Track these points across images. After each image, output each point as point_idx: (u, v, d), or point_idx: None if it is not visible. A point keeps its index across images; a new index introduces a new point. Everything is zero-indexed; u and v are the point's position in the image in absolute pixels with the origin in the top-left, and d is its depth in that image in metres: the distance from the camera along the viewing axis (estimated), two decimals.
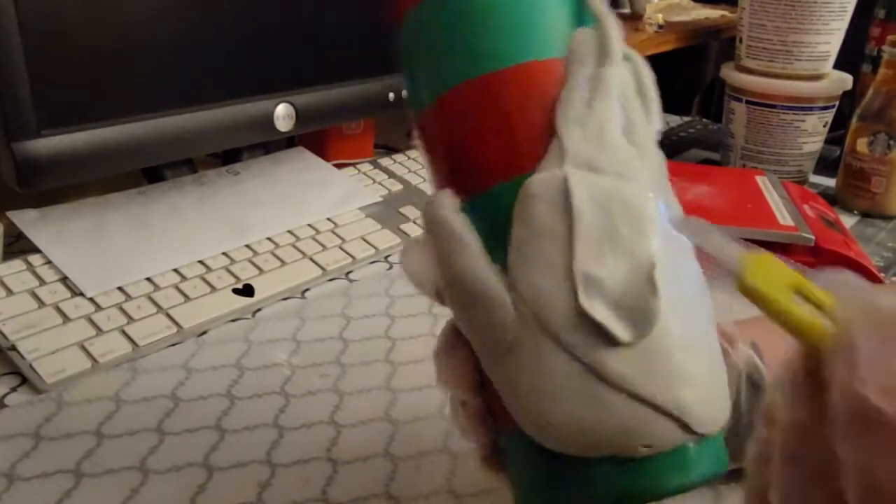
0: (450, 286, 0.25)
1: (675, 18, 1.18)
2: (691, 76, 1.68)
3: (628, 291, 0.22)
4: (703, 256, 0.23)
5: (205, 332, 0.51)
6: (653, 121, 0.25)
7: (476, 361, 0.26)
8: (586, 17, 0.26)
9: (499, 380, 0.24)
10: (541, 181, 0.23)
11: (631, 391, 0.22)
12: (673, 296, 0.23)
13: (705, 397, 0.23)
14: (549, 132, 0.24)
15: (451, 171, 0.26)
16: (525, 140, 0.24)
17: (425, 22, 0.26)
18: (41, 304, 0.49)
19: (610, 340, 0.22)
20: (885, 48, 0.75)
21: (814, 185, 0.86)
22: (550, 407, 0.23)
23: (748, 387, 0.35)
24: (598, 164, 0.23)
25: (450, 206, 0.25)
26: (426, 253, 0.26)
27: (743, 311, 0.24)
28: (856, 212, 0.78)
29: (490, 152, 0.25)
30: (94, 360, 0.46)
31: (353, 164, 0.76)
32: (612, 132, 0.24)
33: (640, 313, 0.22)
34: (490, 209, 0.24)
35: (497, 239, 0.24)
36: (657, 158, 0.25)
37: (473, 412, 0.27)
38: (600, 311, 0.22)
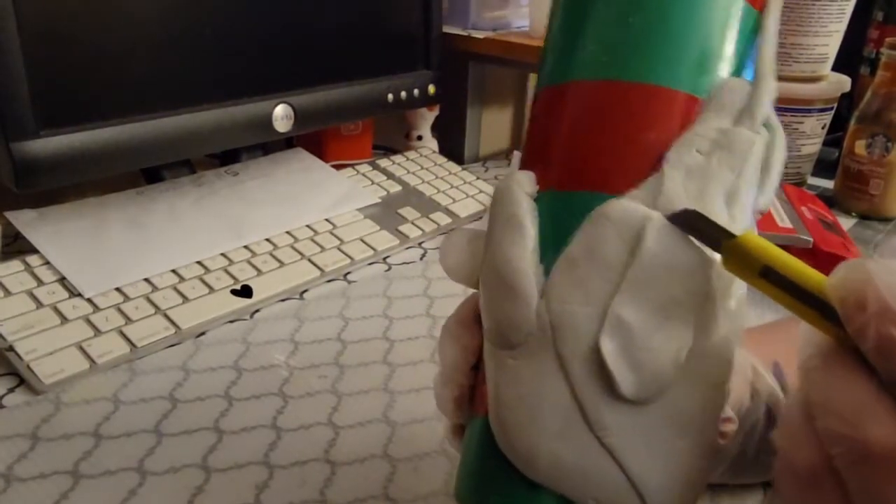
0: (489, 264, 0.24)
1: None
2: None
3: (652, 351, 0.21)
4: None
5: (203, 333, 0.50)
6: (762, 197, 0.24)
7: (479, 345, 0.26)
8: (748, 67, 0.24)
9: (492, 374, 0.24)
10: (622, 209, 0.22)
11: (609, 447, 0.21)
12: (693, 382, 0.22)
13: (675, 491, 0.22)
14: (656, 166, 0.23)
15: (545, 156, 0.25)
16: (632, 162, 0.23)
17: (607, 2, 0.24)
18: (39, 304, 0.49)
19: (611, 390, 0.21)
20: (884, 50, 0.75)
21: (812, 187, 0.86)
22: (524, 421, 0.22)
23: (765, 419, 0.34)
24: (693, 221, 0.22)
25: (527, 188, 0.24)
26: (470, 240, 0.26)
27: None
28: (854, 214, 0.79)
29: (592, 157, 0.24)
30: (92, 360, 0.46)
31: (352, 165, 0.76)
32: (713, 194, 0.22)
33: (653, 377, 0.21)
34: (563, 211, 0.23)
35: (553, 241, 0.23)
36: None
37: (459, 393, 0.26)
38: (613, 355, 0.21)
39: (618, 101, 0.23)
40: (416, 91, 0.76)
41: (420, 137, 0.88)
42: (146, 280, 0.53)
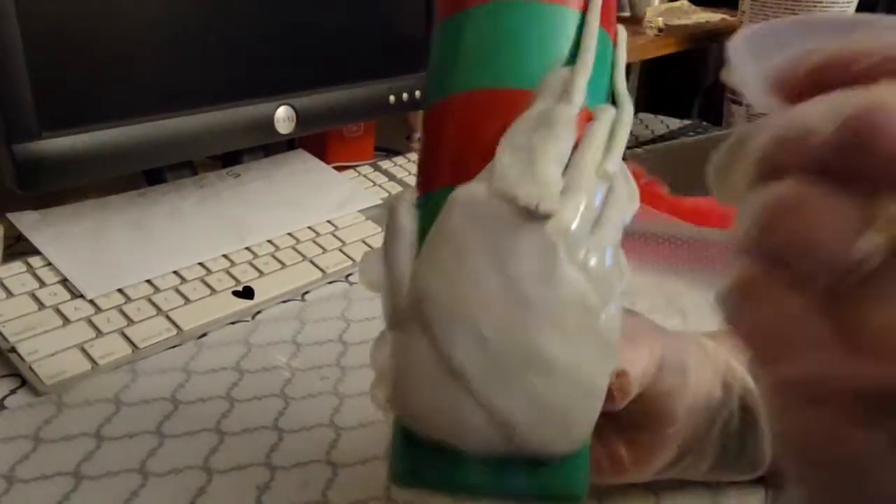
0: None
1: (676, 22, 1.18)
2: (691, 79, 1.68)
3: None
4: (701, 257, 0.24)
5: (205, 335, 0.51)
6: (608, 161, 0.26)
7: None
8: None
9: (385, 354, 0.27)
10: (466, 190, 0.25)
11: (468, 388, 0.24)
12: (538, 324, 0.25)
13: (544, 416, 0.25)
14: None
15: (421, 166, 0.29)
16: (476, 155, 0.26)
17: (445, 36, 0.29)
18: (41, 305, 0.49)
19: (472, 344, 0.24)
20: None
21: None
22: (407, 384, 0.26)
23: (740, 413, 0.36)
24: (514, 188, 0.25)
25: (406, 199, 0.28)
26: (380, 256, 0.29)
27: None
28: None
29: (447, 156, 0.28)
30: (93, 362, 0.46)
31: (354, 167, 0.76)
32: (541, 161, 0.25)
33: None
34: (432, 208, 0.27)
35: (425, 235, 0.27)
36: (582, 199, 0.26)
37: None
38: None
39: (461, 106, 0.27)
40: (417, 93, 0.76)
41: None
42: (148, 281, 0.53)
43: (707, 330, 0.39)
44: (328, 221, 0.65)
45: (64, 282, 0.51)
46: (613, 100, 0.29)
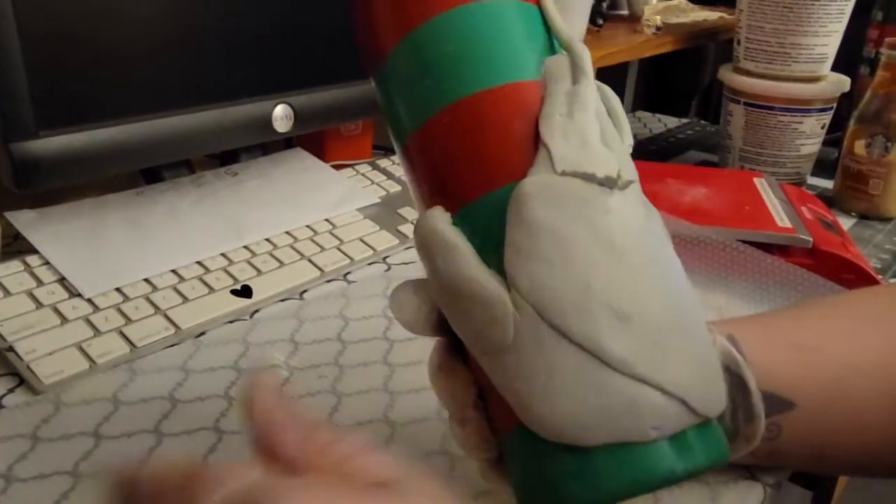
0: (446, 295, 0.26)
1: (674, 20, 1.18)
2: (689, 78, 1.68)
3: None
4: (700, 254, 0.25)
5: (203, 334, 0.50)
6: (625, 139, 0.27)
7: (472, 377, 0.27)
8: (557, 49, 0.28)
9: (500, 381, 0.25)
10: (534, 182, 0.25)
11: (633, 373, 0.23)
12: (659, 282, 0.24)
13: (702, 378, 0.24)
14: (534, 143, 0.25)
15: (438, 189, 0.27)
16: (513, 151, 0.26)
17: (407, 57, 0.28)
18: (39, 304, 0.49)
19: (615, 324, 0.24)
20: (883, 51, 0.75)
21: (811, 187, 0.86)
22: (557, 398, 0.23)
23: (725, 377, 0.35)
24: (584, 167, 0.25)
25: (441, 218, 0.26)
26: (415, 290, 0.28)
27: (736, 311, 0.24)
28: (853, 214, 0.79)
29: (479, 164, 0.26)
30: (91, 361, 0.46)
31: (352, 166, 0.76)
32: (592, 137, 0.25)
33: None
34: (482, 217, 0.26)
35: (489, 244, 0.25)
36: (632, 167, 0.27)
37: (476, 428, 0.28)
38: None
39: (473, 111, 0.26)
40: None
41: None
42: (146, 280, 0.53)
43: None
44: (326, 220, 0.65)
45: (62, 281, 0.51)
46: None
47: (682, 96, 1.64)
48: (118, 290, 0.51)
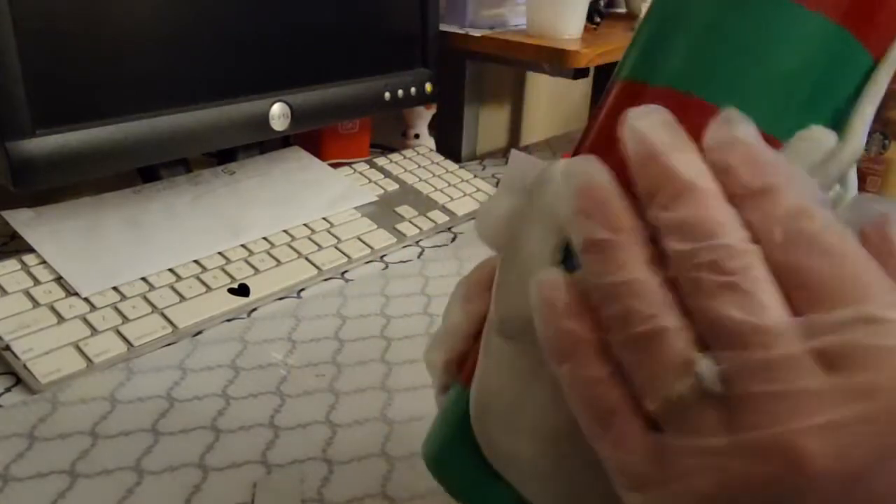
0: (515, 251, 0.23)
1: None
2: None
3: None
4: None
5: (200, 332, 0.50)
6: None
7: (486, 314, 0.24)
8: (845, 118, 0.21)
9: (485, 354, 0.23)
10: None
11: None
12: None
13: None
14: None
15: (611, 147, 0.22)
16: None
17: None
18: (36, 303, 0.49)
19: None
20: None
21: None
22: (504, 413, 0.22)
23: None
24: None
25: (601, 172, 0.21)
26: (507, 213, 0.24)
27: None
28: None
29: None
30: (88, 360, 0.45)
31: (349, 164, 0.76)
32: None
33: None
34: None
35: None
36: None
37: (451, 356, 0.26)
38: None
39: (689, 117, 0.20)
40: (413, 89, 0.76)
41: (417, 136, 0.88)
42: (143, 279, 0.53)
43: None
44: (323, 218, 0.64)
45: (58, 280, 0.51)
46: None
47: None
48: (115, 288, 0.51)
